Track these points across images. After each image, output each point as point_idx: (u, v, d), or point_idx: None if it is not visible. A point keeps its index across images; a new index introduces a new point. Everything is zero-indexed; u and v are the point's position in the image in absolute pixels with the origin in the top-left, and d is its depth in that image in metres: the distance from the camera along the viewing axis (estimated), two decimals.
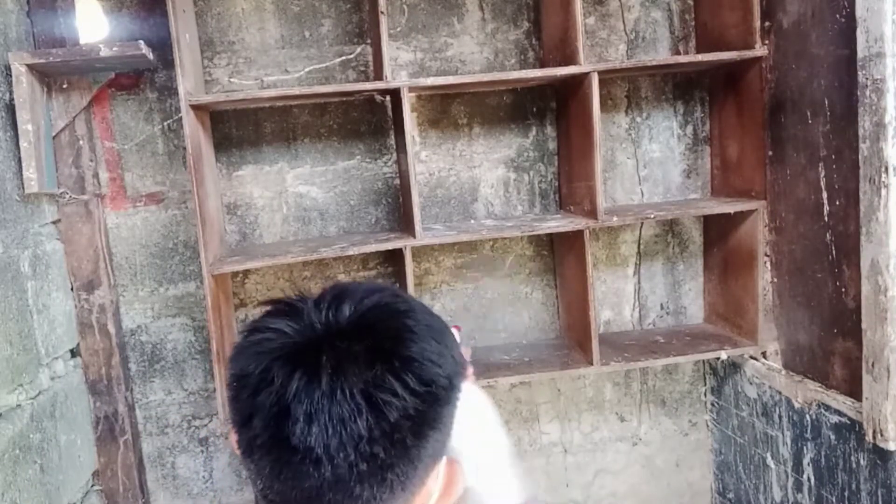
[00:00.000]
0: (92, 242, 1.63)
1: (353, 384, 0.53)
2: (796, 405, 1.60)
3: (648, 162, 1.91)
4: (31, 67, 1.40)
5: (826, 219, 1.50)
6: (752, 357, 1.77)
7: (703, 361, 2.02)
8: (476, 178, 1.85)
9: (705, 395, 2.04)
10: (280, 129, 1.75)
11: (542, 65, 1.81)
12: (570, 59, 1.59)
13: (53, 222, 1.58)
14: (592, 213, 1.64)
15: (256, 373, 0.55)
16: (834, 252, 1.48)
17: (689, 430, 2.05)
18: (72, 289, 1.62)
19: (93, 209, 1.63)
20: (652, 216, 1.67)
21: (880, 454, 1.35)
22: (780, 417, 1.67)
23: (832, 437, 1.49)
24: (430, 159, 1.83)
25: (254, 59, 1.72)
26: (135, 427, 1.74)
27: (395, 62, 1.77)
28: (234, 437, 0.60)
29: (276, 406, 0.53)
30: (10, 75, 1.38)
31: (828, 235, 1.49)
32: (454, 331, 0.95)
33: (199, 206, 1.45)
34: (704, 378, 2.03)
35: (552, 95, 1.86)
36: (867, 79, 1.27)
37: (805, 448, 1.59)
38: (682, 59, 1.69)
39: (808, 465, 1.58)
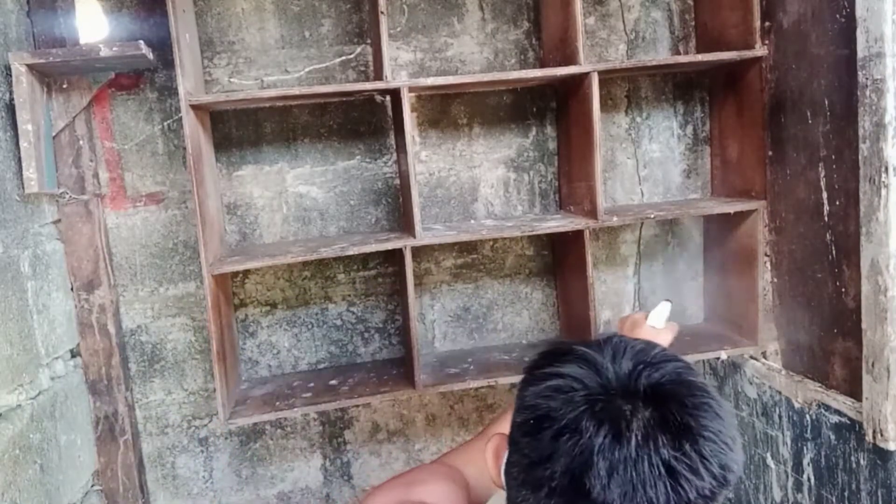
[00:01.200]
0: (92, 242, 1.63)
1: (659, 454, 0.54)
2: (796, 405, 1.60)
3: (648, 162, 1.91)
4: (31, 67, 1.40)
5: (826, 219, 1.50)
6: (752, 357, 1.77)
7: (703, 361, 2.02)
8: (476, 178, 1.85)
9: None
10: (280, 129, 1.75)
11: (542, 65, 1.81)
12: (570, 59, 1.59)
13: (53, 222, 1.58)
14: (592, 213, 1.64)
15: (563, 418, 0.57)
16: (834, 252, 1.48)
17: None
18: (72, 289, 1.62)
19: (93, 209, 1.63)
20: (652, 216, 1.67)
21: (880, 454, 1.35)
22: (780, 417, 1.67)
23: (832, 437, 1.49)
24: (430, 159, 1.83)
25: (254, 59, 1.72)
26: (135, 427, 1.74)
27: (395, 62, 1.77)
28: (498, 448, 0.64)
29: (580, 456, 0.55)
30: (10, 75, 1.38)
31: (828, 235, 1.49)
32: (665, 304, 0.92)
33: (199, 206, 1.45)
34: (704, 378, 2.03)
35: (552, 95, 1.86)
36: (867, 79, 1.27)
37: (805, 448, 1.59)
38: (682, 59, 1.69)
39: (808, 465, 1.58)
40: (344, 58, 1.76)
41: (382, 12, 1.50)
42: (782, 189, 1.64)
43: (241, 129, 1.74)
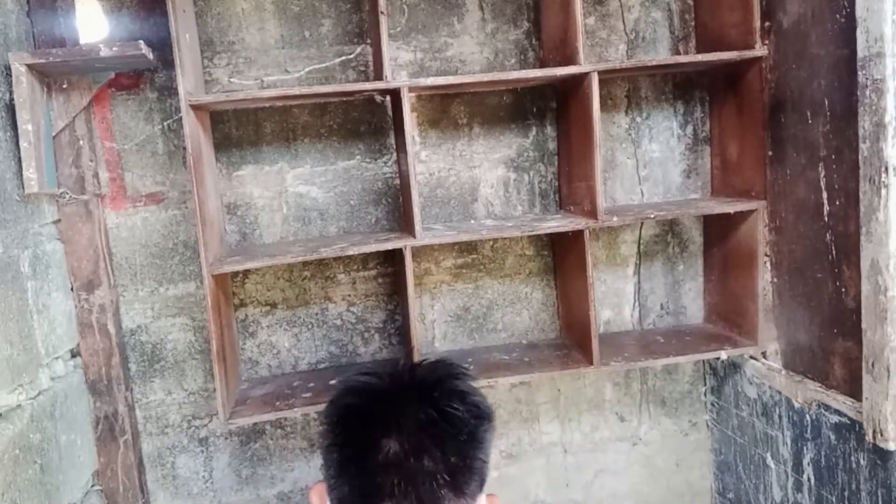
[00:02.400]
0: (92, 242, 1.63)
1: (427, 404, 0.72)
2: (796, 405, 1.60)
3: (648, 162, 1.91)
4: (31, 67, 1.40)
5: (826, 219, 1.50)
6: (752, 357, 1.77)
7: (703, 361, 2.02)
8: (476, 178, 1.85)
9: (705, 395, 2.04)
10: (280, 129, 1.75)
11: (542, 65, 1.81)
12: (570, 59, 1.59)
13: (53, 222, 1.58)
14: (592, 213, 1.64)
15: (361, 414, 0.74)
16: (834, 252, 1.48)
17: (689, 430, 2.05)
18: (72, 289, 1.62)
19: (93, 209, 1.63)
20: (652, 216, 1.67)
21: (880, 454, 1.35)
22: (780, 417, 1.67)
23: (832, 437, 1.49)
24: (430, 159, 1.83)
25: (254, 59, 1.72)
26: (135, 427, 1.74)
27: (395, 62, 1.77)
28: (321, 492, 0.77)
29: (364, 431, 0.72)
30: (10, 75, 1.38)
31: (828, 235, 1.50)
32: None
33: (199, 206, 1.45)
34: (704, 378, 2.03)
35: (552, 95, 1.86)
36: (867, 79, 1.27)
37: (805, 448, 1.59)
38: (682, 59, 1.69)
39: (808, 465, 1.58)
40: (344, 58, 1.76)
41: (382, 12, 1.50)
42: (782, 189, 1.64)
43: (241, 129, 1.74)
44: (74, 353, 1.63)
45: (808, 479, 1.59)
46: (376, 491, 0.69)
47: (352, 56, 1.76)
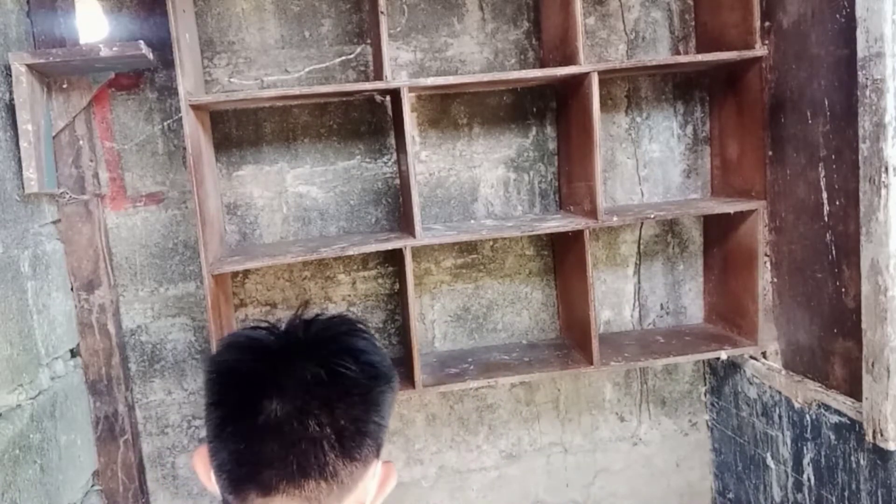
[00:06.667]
0: (92, 242, 1.63)
1: (315, 362, 0.64)
2: (796, 405, 1.60)
3: (648, 162, 1.91)
4: (31, 67, 1.40)
5: (826, 219, 1.50)
6: (752, 357, 1.77)
7: (703, 361, 2.02)
8: (476, 178, 1.85)
9: (705, 395, 2.04)
10: (280, 129, 1.75)
11: (542, 65, 1.81)
12: (570, 59, 1.59)
13: (53, 222, 1.58)
14: (592, 213, 1.64)
15: (237, 368, 0.69)
16: (834, 252, 1.48)
17: (689, 430, 2.05)
18: (72, 289, 1.62)
19: (93, 209, 1.63)
20: (652, 216, 1.67)
21: (880, 454, 1.35)
22: (780, 417, 1.67)
23: (832, 437, 1.49)
24: (430, 159, 1.83)
25: (254, 59, 1.72)
26: (135, 427, 1.74)
27: (395, 62, 1.77)
28: (200, 452, 0.71)
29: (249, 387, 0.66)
30: (10, 75, 1.38)
31: (828, 235, 1.50)
32: None
33: (199, 206, 1.45)
34: (704, 378, 2.03)
35: (552, 95, 1.86)
36: (867, 79, 1.27)
37: (805, 448, 1.59)
38: (682, 59, 1.69)
39: (808, 465, 1.58)
40: (344, 58, 1.76)
41: (382, 12, 1.50)
42: (782, 189, 1.64)
43: (241, 129, 1.74)
44: (74, 353, 1.63)
45: (808, 479, 1.59)
46: (256, 458, 0.63)
47: (352, 56, 1.76)
